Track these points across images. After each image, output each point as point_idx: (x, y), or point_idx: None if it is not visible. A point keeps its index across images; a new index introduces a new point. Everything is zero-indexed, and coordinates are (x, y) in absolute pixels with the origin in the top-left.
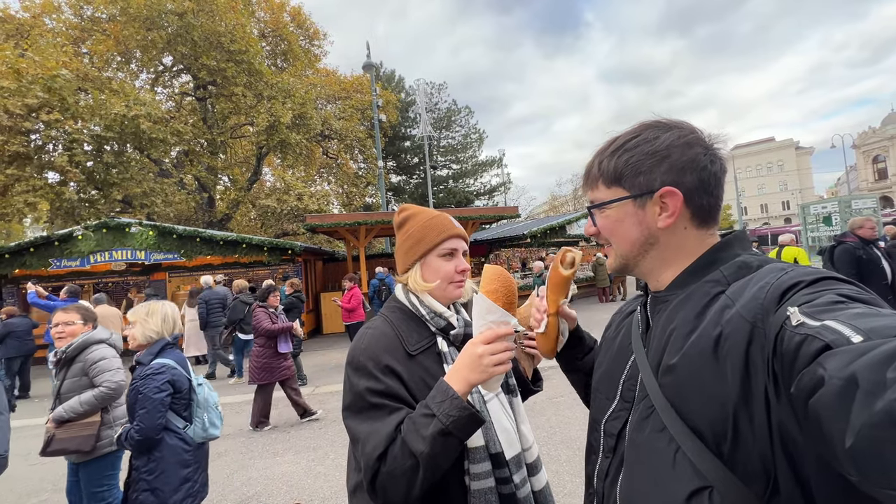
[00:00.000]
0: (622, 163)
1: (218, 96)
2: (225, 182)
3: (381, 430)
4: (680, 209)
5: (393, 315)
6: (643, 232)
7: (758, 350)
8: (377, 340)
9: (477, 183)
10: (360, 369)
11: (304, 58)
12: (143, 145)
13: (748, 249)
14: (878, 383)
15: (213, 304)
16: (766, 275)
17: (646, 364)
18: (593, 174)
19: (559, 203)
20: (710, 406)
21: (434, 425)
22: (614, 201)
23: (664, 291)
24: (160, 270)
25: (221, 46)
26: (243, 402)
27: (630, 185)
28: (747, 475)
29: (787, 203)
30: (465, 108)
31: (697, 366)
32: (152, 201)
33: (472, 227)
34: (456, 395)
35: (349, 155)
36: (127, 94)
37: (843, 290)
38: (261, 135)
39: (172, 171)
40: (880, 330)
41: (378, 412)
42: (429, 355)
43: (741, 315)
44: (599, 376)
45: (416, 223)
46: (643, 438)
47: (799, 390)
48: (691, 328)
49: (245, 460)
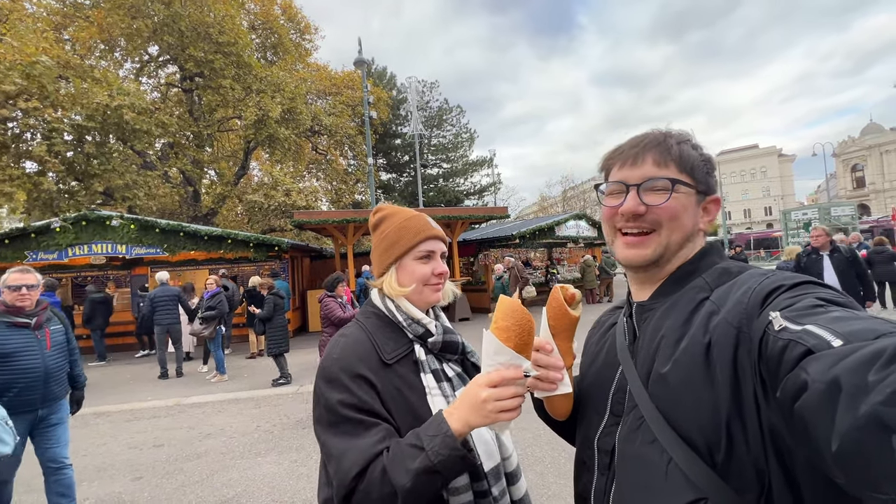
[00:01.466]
0: (698, 156)
1: (205, 88)
2: (211, 176)
3: (357, 447)
4: (715, 217)
5: (368, 322)
6: (693, 226)
7: (745, 354)
8: (351, 349)
9: (467, 182)
10: (333, 381)
11: (294, 52)
12: (126, 136)
13: (724, 258)
14: (861, 387)
15: (162, 302)
16: (748, 280)
17: (634, 374)
18: (670, 152)
19: (548, 204)
20: (703, 414)
21: (421, 460)
22: (692, 186)
23: (649, 300)
24: (142, 265)
25: (209, 37)
26: (225, 401)
27: (700, 179)
28: (741, 484)
29: (770, 209)
30: (457, 108)
31: (688, 374)
32: (135, 194)
33: (461, 226)
34: (450, 432)
35: (339, 151)
36: (110, 83)
37: (821, 293)
38: (249, 129)
39: (157, 164)
40: (859, 333)
41: (353, 427)
42: (405, 364)
43: (727, 321)
44: (585, 390)
45: (391, 224)
46: (634, 450)
47: (784, 394)
48: (679, 335)
49: (226, 461)
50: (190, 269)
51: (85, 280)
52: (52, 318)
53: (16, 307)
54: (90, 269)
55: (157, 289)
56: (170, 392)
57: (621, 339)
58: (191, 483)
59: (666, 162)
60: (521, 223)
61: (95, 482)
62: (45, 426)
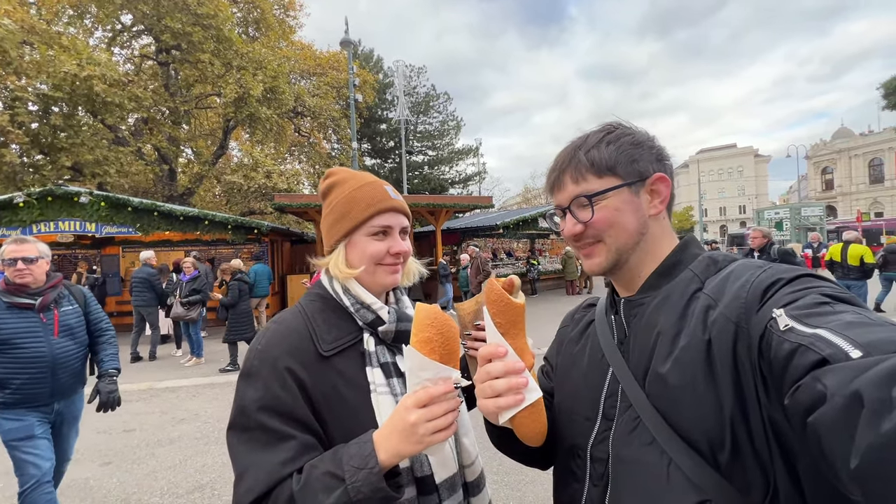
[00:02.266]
0: (614, 150)
1: (182, 62)
2: (188, 154)
3: (263, 465)
4: (668, 195)
5: (311, 306)
6: (639, 220)
7: (744, 350)
8: (280, 339)
9: (452, 171)
10: (252, 376)
11: (277, 28)
12: (96, 109)
13: (702, 249)
14: (885, 402)
15: (134, 282)
16: (744, 272)
17: (628, 374)
18: (581, 165)
19: (532, 195)
20: (706, 413)
21: (339, 496)
22: (613, 189)
23: (638, 295)
24: (113, 244)
25: (188, 8)
26: (201, 385)
27: (626, 172)
28: (745, 484)
29: (744, 207)
30: (444, 94)
31: (690, 373)
32: (105, 170)
33: (445, 214)
34: (376, 468)
35: (322, 134)
36: (79, 51)
37: (823, 288)
38: (228, 107)
39: (129, 140)
40: (879, 344)
41: (264, 436)
42: (349, 356)
43: (725, 316)
44: (567, 395)
45: (341, 193)
46: (631, 453)
47: (795, 404)
48: (676, 331)
49: (200, 446)
50: (164, 250)
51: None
52: (66, 296)
53: (16, 285)
54: (57, 247)
55: (137, 269)
56: (142, 376)
57: (608, 338)
58: (162, 469)
59: (583, 175)
60: (504, 213)
61: None
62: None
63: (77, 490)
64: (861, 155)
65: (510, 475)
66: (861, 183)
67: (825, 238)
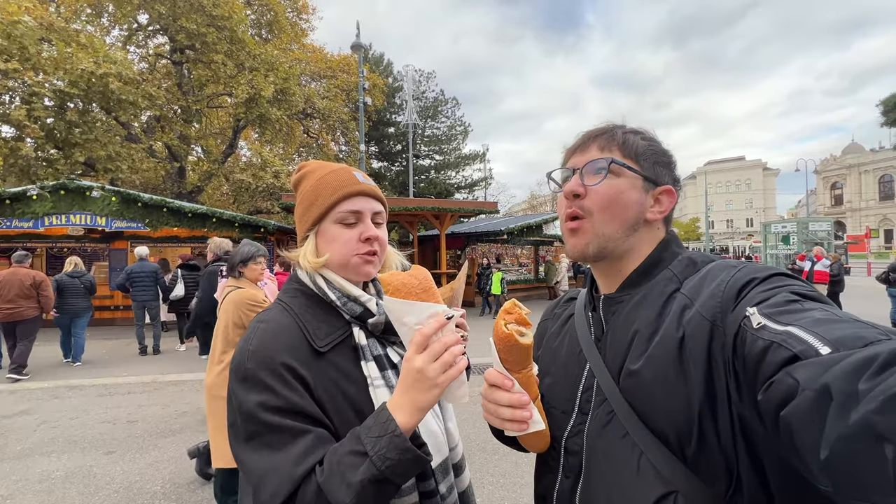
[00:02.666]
0: (645, 145)
1: (196, 62)
2: (198, 153)
3: (282, 465)
4: (669, 210)
5: (294, 301)
6: (636, 214)
7: (718, 349)
8: (273, 337)
9: (458, 176)
10: (250, 379)
11: (290, 31)
12: (110, 106)
13: (682, 248)
14: (851, 395)
15: (139, 278)
16: (720, 272)
17: (603, 369)
18: (614, 139)
19: (538, 202)
20: (675, 408)
21: (365, 469)
22: (633, 170)
23: (617, 293)
24: (121, 239)
25: (203, 10)
26: (197, 381)
27: (647, 167)
28: (710, 476)
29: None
30: (453, 100)
31: (662, 369)
32: (117, 166)
33: (450, 219)
34: (398, 430)
35: (331, 136)
36: (96, 49)
37: (794, 287)
38: (239, 107)
39: (141, 137)
40: (846, 340)
41: (278, 437)
42: (342, 351)
43: (701, 315)
44: (547, 388)
45: (309, 183)
46: (604, 446)
47: (769, 399)
48: (653, 329)
49: (202, 438)
50: (172, 245)
51: (61, 251)
52: None
53: None
54: (67, 240)
55: (134, 264)
56: (147, 369)
57: (585, 334)
58: (165, 459)
59: (610, 147)
60: (510, 219)
61: (65, 455)
62: None
63: (81, 477)
64: (871, 171)
65: (506, 477)
66: (871, 199)
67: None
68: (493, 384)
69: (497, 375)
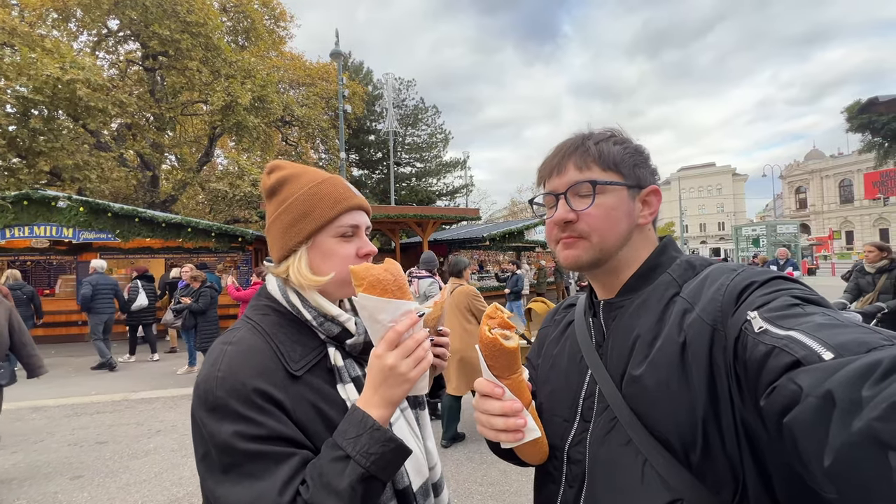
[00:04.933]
0: (621, 150)
1: (169, 69)
2: (172, 161)
3: (269, 494)
4: (657, 209)
5: (265, 319)
6: (629, 224)
7: (720, 353)
8: (243, 361)
9: (440, 183)
10: (219, 409)
11: (267, 38)
12: (78, 113)
13: (680, 252)
14: (855, 402)
15: (103, 291)
16: (720, 276)
17: (606, 376)
18: (588, 154)
19: (519, 209)
20: (679, 414)
21: (351, 471)
22: (617, 184)
23: (617, 298)
24: (90, 251)
25: (177, 16)
26: (178, 396)
27: (628, 174)
28: (716, 483)
29: (723, 224)
30: (433, 108)
31: (664, 375)
32: (86, 175)
33: (433, 226)
34: (376, 424)
35: (310, 144)
36: (63, 55)
37: (794, 290)
38: (215, 114)
39: (112, 145)
40: (849, 345)
41: (260, 465)
42: (318, 372)
43: (702, 319)
44: (548, 396)
45: (297, 189)
46: (607, 454)
47: (771, 405)
48: (654, 334)
49: (177, 458)
50: (144, 257)
51: (24, 265)
52: None
53: None
54: (31, 252)
55: (93, 276)
56: (116, 386)
57: (586, 340)
58: (137, 482)
59: (587, 164)
60: (491, 226)
61: (28, 482)
62: None
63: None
64: (832, 176)
65: (494, 486)
66: (832, 202)
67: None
68: (483, 394)
69: (486, 384)
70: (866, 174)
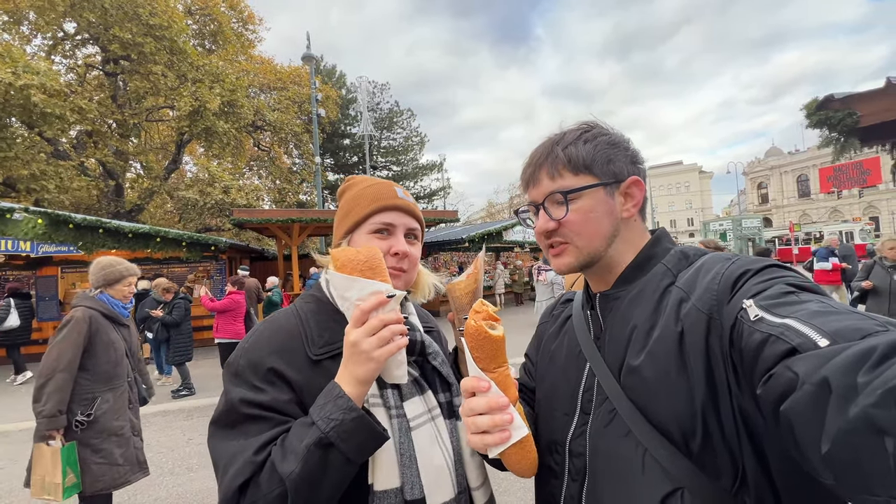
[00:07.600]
0: (591, 149)
1: (132, 73)
2: (137, 169)
3: (247, 451)
4: (641, 199)
5: (306, 307)
6: (612, 222)
7: (716, 341)
8: (269, 338)
9: (417, 186)
10: (238, 375)
11: (236, 42)
12: (33, 120)
13: (673, 243)
14: (851, 388)
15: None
16: (714, 264)
17: (604, 368)
18: (557, 161)
19: (496, 210)
20: (678, 404)
21: (311, 434)
22: (589, 187)
23: (612, 289)
24: (50, 265)
25: (139, 18)
26: (150, 414)
27: (601, 172)
28: (716, 470)
29: (692, 220)
30: (408, 111)
31: (663, 365)
32: (43, 185)
33: None
34: (342, 393)
35: (283, 149)
36: (14, 59)
37: (788, 278)
38: (183, 120)
39: (71, 153)
40: (844, 332)
41: (252, 426)
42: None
43: (698, 308)
44: (547, 391)
45: (350, 193)
46: (607, 445)
47: (768, 393)
48: (651, 325)
49: (154, 477)
50: None
51: None
52: None
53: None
54: None
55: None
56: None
57: (584, 333)
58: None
59: (558, 171)
60: (470, 227)
61: None
62: None
63: None
64: (790, 171)
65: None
66: (791, 196)
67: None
68: (469, 391)
69: (471, 380)
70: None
